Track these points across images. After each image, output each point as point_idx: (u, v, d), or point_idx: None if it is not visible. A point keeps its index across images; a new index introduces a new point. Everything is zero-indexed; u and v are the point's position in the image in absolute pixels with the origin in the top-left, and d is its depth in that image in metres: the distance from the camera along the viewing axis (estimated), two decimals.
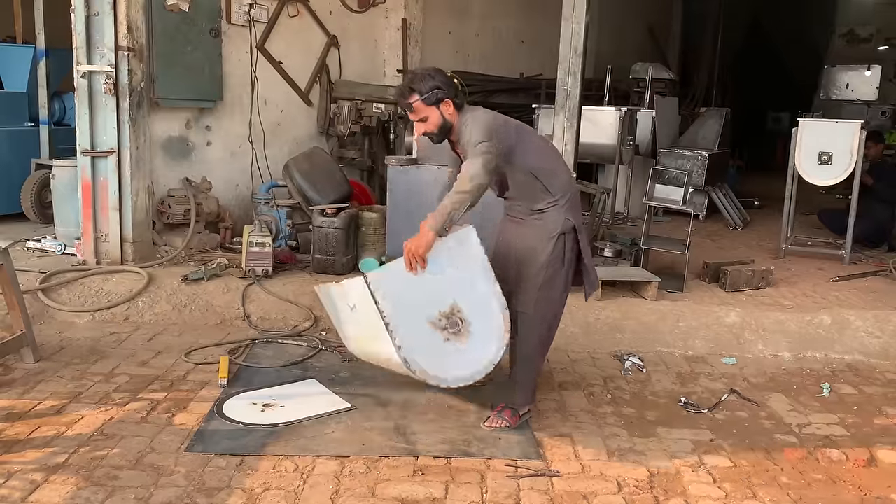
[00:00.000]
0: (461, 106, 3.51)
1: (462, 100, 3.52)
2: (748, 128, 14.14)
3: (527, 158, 3.51)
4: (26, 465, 3.09)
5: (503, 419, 3.62)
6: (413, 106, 3.46)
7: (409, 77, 3.54)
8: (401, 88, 3.53)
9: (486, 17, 9.83)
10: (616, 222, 7.93)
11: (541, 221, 3.54)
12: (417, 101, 3.44)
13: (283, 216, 6.21)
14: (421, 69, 3.55)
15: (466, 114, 3.49)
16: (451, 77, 3.51)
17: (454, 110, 3.48)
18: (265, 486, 3.02)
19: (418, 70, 3.53)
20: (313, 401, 3.84)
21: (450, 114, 3.47)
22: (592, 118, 7.50)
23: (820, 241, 7.19)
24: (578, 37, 5.08)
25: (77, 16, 5.24)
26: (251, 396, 3.87)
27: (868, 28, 13.70)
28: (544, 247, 3.52)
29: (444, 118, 3.47)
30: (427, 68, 3.58)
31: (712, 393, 4.21)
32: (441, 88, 3.42)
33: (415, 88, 3.43)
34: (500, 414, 3.65)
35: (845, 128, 6.50)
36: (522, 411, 3.67)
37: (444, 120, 3.47)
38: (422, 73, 3.49)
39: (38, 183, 6.81)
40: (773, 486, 3.21)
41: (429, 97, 3.42)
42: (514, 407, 3.65)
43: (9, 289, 4.13)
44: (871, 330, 4.94)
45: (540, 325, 3.60)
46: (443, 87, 3.43)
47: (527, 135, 3.63)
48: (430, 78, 3.44)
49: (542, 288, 3.53)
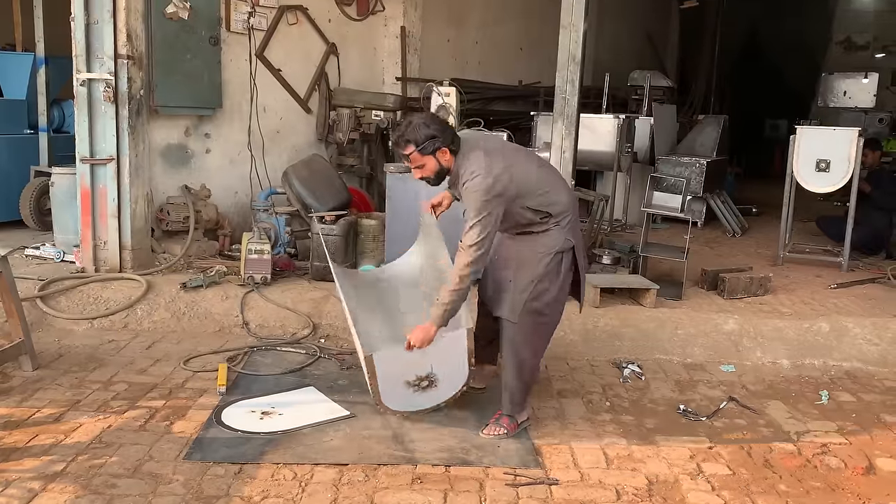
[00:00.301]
0: (457, 151, 3.51)
1: (458, 145, 3.52)
2: (746, 135, 14.17)
3: (527, 200, 3.52)
4: (24, 474, 3.08)
5: (501, 427, 3.62)
6: (410, 157, 3.49)
7: (405, 126, 3.53)
8: (396, 138, 3.55)
9: (484, 25, 9.86)
10: (614, 229, 7.94)
11: (542, 238, 3.58)
12: (414, 153, 3.46)
13: (281, 223, 6.21)
14: (417, 118, 3.54)
15: (462, 165, 3.48)
16: (444, 122, 3.56)
17: (450, 156, 3.50)
18: (264, 494, 3.01)
19: (414, 119, 3.53)
20: (312, 409, 3.84)
21: (446, 160, 3.50)
22: (591, 125, 7.52)
23: (818, 248, 7.20)
24: (577, 44, 5.10)
25: (77, 24, 5.26)
26: (250, 404, 3.86)
27: (865, 36, 13.77)
28: (540, 260, 3.55)
29: (440, 165, 3.51)
30: (423, 116, 3.59)
31: (711, 400, 4.21)
32: (436, 136, 3.45)
33: (410, 139, 3.45)
34: (497, 421, 3.65)
35: (843, 135, 6.52)
36: (521, 419, 3.68)
37: (441, 167, 3.51)
38: (417, 123, 3.49)
39: (37, 190, 6.82)
40: (771, 493, 3.21)
41: (425, 147, 3.45)
42: (512, 415, 3.66)
43: (7, 296, 4.13)
44: (869, 337, 4.95)
45: (527, 335, 3.61)
46: (438, 135, 3.45)
47: (528, 173, 3.57)
48: (425, 127, 3.45)
49: (529, 300, 3.55)
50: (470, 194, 3.41)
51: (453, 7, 9.33)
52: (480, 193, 3.38)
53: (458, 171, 3.50)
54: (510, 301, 3.58)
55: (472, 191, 3.40)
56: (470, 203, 3.41)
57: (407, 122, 3.55)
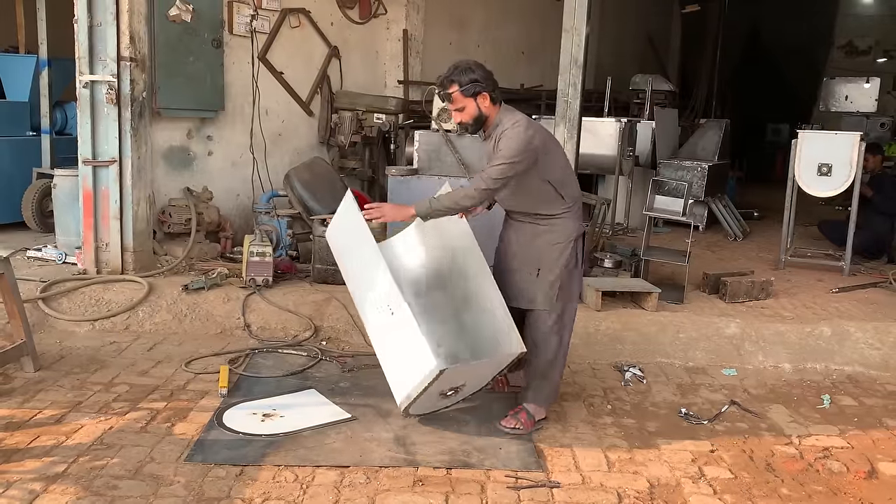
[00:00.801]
0: (498, 101, 3.64)
1: (499, 96, 3.66)
2: (748, 139, 14.18)
3: (548, 171, 3.64)
4: (26, 475, 3.08)
5: (518, 421, 3.68)
6: (452, 96, 3.59)
7: (450, 68, 3.65)
8: (441, 79, 3.64)
9: (486, 29, 9.88)
10: (616, 233, 7.94)
11: (557, 227, 3.69)
12: (456, 92, 3.57)
13: (283, 226, 6.22)
14: (463, 61, 3.66)
15: (506, 116, 3.62)
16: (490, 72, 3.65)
17: (490, 104, 3.61)
18: (265, 496, 3.01)
19: (460, 62, 3.65)
20: (313, 411, 3.84)
21: (486, 107, 3.61)
22: (592, 129, 7.53)
23: (820, 252, 7.19)
24: (579, 48, 5.11)
25: (80, 26, 5.27)
26: (251, 406, 3.86)
27: (867, 40, 13.78)
28: (563, 249, 3.69)
29: (479, 110, 3.61)
30: (468, 61, 3.68)
31: (712, 404, 4.21)
32: (479, 82, 3.57)
33: (455, 79, 3.57)
34: (516, 415, 3.71)
35: (844, 140, 6.52)
36: (539, 416, 3.73)
37: (480, 112, 3.61)
38: (463, 66, 3.62)
39: (39, 192, 6.83)
40: (773, 497, 3.20)
41: (467, 89, 3.55)
42: (530, 411, 3.71)
43: (9, 298, 4.13)
44: (871, 341, 4.95)
45: (559, 327, 3.75)
46: (481, 80, 3.58)
47: (553, 147, 3.77)
48: (470, 71, 3.59)
49: (562, 289, 3.71)
50: (509, 140, 3.52)
51: (455, 10, 9.35)
52: (520, 141, 3.50)
53: (496, 123, 3.62)
54: (543, 291, 3.69)
55: (511, 137, 3.52)
56: (506, 146, 3.51)
57: (454, 65, 3.65)
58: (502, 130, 3.58)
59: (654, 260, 5.94)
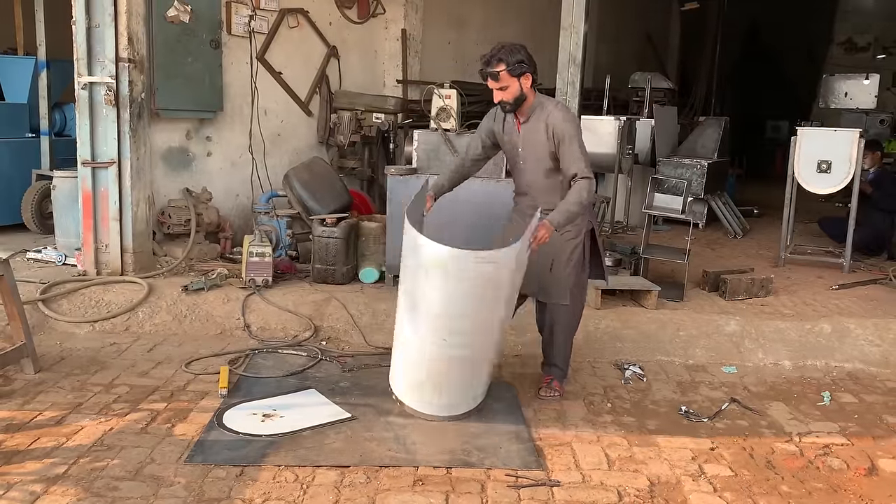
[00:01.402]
0: (536, 83, 3.81)
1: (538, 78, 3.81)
2: (747, 137, 14.16)
3: None
4: (26, 476, 3.09)
5: (553, 390, 4.09)
6: (499, 75, 3.67)
7: (497, 47, 3.72)
8: (488, 57, 3.70)
9: (485, 28, 9.86)
10: (615, 231, 7.94)
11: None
12: (503, 71, 3.67)
13: (283, 226, 6.22)
14: (509, 42, 3.76)
15: (546, 101, 3.85)
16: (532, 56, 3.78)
17: (530, 86, 3.77)
18: (265, 496, 3.01)
19: (507, 43, 3.74)
20: (313, 411, 3.84)
21: (528, 88, 3.76)
22: (591, 127, 7.51)
23: (820, 249, 7.19)
24: (577, 46, 5.11)
25: (78, 27, 5.27)
26: (251, 407, 3.86)
27: (866, 37, 13.76)
28: (577, 244, 3.93)
29: (522, 91, 3.75)
30: (514, 42, 3.78)
31: (713, 402, 4.21)
32: (525, 63, 3.70)
33: (503, 59, 3.68)
34: (549, 385, 4.10)
35: (844, 136, 6.52)
36: (564, 383, 4.18)
37: (522, 92, 3.76)
38: (510, 46, 3.72)
39: (38, 194, 6.83)
40: (773, 494, 3.20)
41: (514, 69, 3.68)
42: (560, 380, 4.14)
43: (9, 299, 4.13)
44: (871, 338, 4.95)
45: (574, 313, 4.10)
46: (526, 61, 3.72)
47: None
48: (517, 51, 3.69)
49: (575, 281, 3.99)
50: (565, 122, 3.75)
51: (454, 10, 9.34)
52: (574, 119, 3.81)
53: (536, 105, 3.81)
54: (557, 284, 3.95)
55: (565, 118, 3.77)
56: (567, 128, 3.73)
57: (499, 45, 3.74)
58: (548, 114, 3.76)
59: (654, 258, 5.94)
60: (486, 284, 3.46)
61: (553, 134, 3.75)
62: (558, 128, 3.74)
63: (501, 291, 3.56)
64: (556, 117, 3.76)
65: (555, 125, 3.74)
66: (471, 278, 3.41)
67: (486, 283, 3.46)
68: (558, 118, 3.75)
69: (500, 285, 3.53)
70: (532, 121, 3.83)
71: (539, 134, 3.81)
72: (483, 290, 3.48)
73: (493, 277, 3.47)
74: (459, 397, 3.77)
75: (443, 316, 3.49)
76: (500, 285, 3.53)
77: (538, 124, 3.80)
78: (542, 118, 3.79)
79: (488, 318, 3.59)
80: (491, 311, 3.58)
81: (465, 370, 3.68)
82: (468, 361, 3.64)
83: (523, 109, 3.83)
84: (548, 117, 3.77)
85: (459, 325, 3.50)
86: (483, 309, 3.54)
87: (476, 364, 3.70)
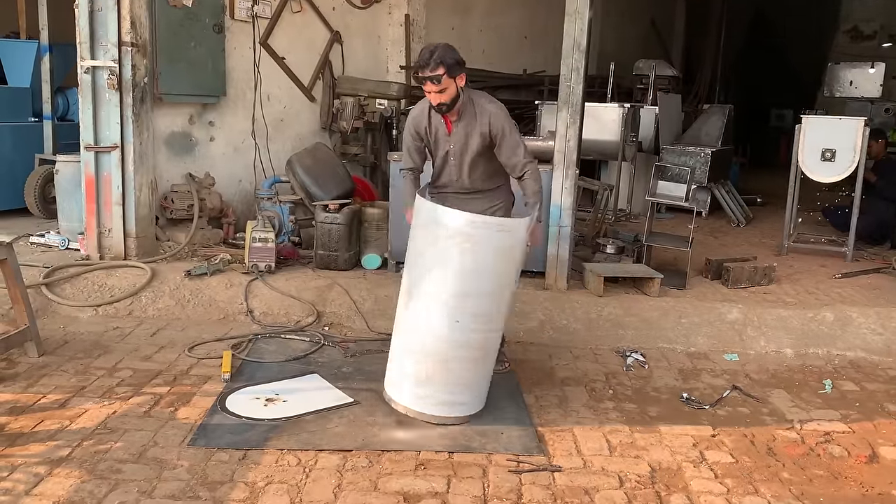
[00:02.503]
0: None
1: None
2: (751, 125, 14.11)
3: None
4: (30, 459, 3.10)
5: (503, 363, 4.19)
6: (442, 78, 3.63)
7: (432, 50, 3.66)
8: (425, 61, 3.64)
9: (489, 14, 9.82)
10: (619, 219, 7.94)
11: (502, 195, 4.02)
12: (445, 75, 3.63)
13: (285, 212, 6.21)
14: (441, 44, 3.72)
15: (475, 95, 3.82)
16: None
17: (464, 85, 3.75)
18: (268, 479, 3.03)
19: (439, 44, 3.71)
20: (316, 396, 3.85)
21: (462, 87, 3.74)
22: (595, 115, 7.50)
23: (823, 238, 7.18)
24: (582, 33, 5.07)
25: (81, 11, 5.25)
26: (254, 391, 3.88)
27: (872, 25, 13.67)
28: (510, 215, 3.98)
29: (458, 90, 3.71)
30: (445, 44, 3.74)
31: (714, 389, 4.22)
32: (461, 64, 3.69)
33: (443, 62, 3.63)
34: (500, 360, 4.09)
35: (848, 125, 6.50)
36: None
37: (458, 92, 3.72)
38: (445, 47, 3.68)
39: (41, 178, 6.83)
40: (774, 481, 3.21)
41: (452, 70, 3.64)
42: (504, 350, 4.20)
43: (13, 283, 4.14)
44: (873, 327, 4.95)
45: None
46: (461, 62, 3.70)
47: None
48: (452, 52, 3.68)
49: None
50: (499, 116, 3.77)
51: None
52: (504, 108, 3.80)
53: (467, 102, 3.78)
54: None
55: (499, 112, 3.78)
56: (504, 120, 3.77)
57: (433, 47, 3.68)
58: (482, 109, 3.75)
59: (657, 245, 5.93)
60: (503, 258, 3.46)
61: (491, 128, 3.75)
62: (496, 123, 3.74)
63: (513, 267, 3.55)
64: (491, 111, 3.76)
65: (492, 120, 3.74)
66: (492, 249, 3.41)
67: (504, 255, 3.45)
68: (494, 111, 3.76)
69: (514, 260, 3.53)
70: (465, 118, 3.78)
71: (474, 130, 3.78)
72: (501, 263, 3.47)
73: (509, 250, 3.47)
74: (470, 394, 3.63)
75: (459, 295, 3.44)
76: (514, 260, 3.53)
77: (471, 120, 3.77)
78: (474, 114, 3.76)
79: (500, 298, 3.55)
80: (503, 289, 3.55)
81: (476, 360, 3.58)
82: (480, 349, 3.55)
83: (455, 109, 3.77)
84: (482, 112, 3.75)
85: (474, 305, 3.46)
86: (497, 286, 3.51)
87: (488, 353, 3.62)
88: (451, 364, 3.52)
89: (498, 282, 3.50)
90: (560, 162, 5.17)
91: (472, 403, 3.64)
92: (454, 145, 3.86)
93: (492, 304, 3.52)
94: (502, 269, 3.49)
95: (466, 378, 3.57)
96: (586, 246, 6.33)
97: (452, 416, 3.56)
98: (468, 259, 3.40)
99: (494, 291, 3.51)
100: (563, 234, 5.20)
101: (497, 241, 3.44)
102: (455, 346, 3.49)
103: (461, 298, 3.44)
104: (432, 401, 3.55)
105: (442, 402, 3.55)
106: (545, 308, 5.02)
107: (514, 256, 3.52)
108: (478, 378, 3.63)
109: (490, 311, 3.52)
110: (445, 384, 3.54)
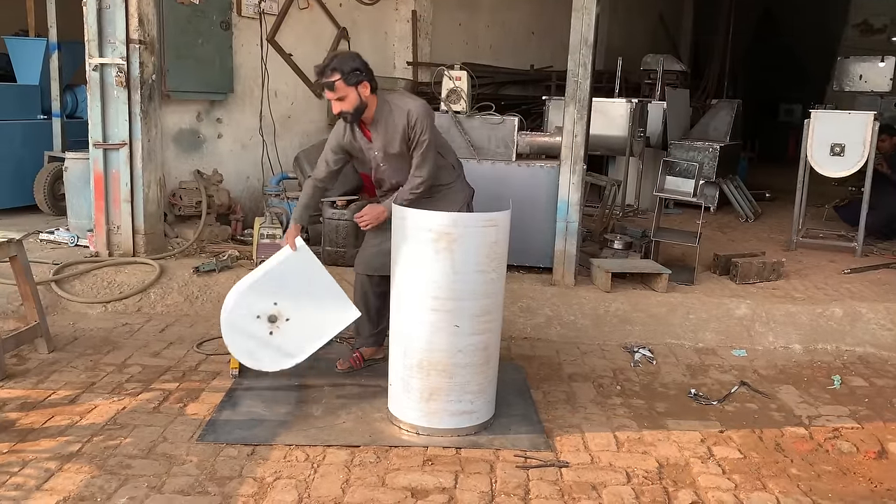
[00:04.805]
0: (376, 89, 3.72)
1: (376, 85, 3.73)
2: (760, 120, 14.04)
3: (438, 138, 3.91)
4: (41, 454, 3.13)
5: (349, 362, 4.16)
6: (335, 85, 3.60)
7: (330, 57, 3.68)
8: (322, 67, 3.64)
9: (496, 9, 9.81)
10: (626, 214, 7.92)
11: (452, 192, 3.95)
12: (339, 81, 3.59)
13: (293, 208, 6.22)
14: (345, 52, 3.75)
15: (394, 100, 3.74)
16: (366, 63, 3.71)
17: (370, 94, 3.68)
18: (276, 475, 3.04)
19: (343, 52, 3.75)
20: (318, 305, 3.78)
21: (366, 96, 3.67)
22: (603, 110, 7.47)
23: (832, 233, 7.15)
24: (589, 28, 5.06)
25: (89, 9, 5.27)
26: (254, 309, 3.71)
27: (882, 18, 13.56)
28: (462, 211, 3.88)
29: (360, 99, 3.66)
30: (349, 52, 3.76)
31: (722, 385, 4.21)
32: (360, 70, 3.63)
33: (336, 68, 3.61)
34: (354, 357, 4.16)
35: (858, 119, 6.45)
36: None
37: (361, 101, 3.66)
38: (343, 54, 3.69)
39: (50, 175, 6.86)
40: (782, 477, 3.21)
41: (349, 77, 3.59)
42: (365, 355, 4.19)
43: (23, 280, 4.17)
44: (882, 322, 4.92)
45: None
46: (362, 69, 3.65)
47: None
48: (351, 60, 3.64)
49: None
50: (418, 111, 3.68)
51: None
52: (428, 117, 3.71)
53: (381, 109, 3.72)
54: None
55: (420, 114, 3.68)
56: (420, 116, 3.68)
57: (335, 55, 3.71)
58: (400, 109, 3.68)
59: (665, 241, 5.92)
60: (493, 252, 3.37)
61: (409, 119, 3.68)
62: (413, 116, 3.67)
63: (503, 260, 3.47)
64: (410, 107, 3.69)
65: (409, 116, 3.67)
66: (482, 246, 3.32)
67: (493, 250, 3.37)
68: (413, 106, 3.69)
69: (502, 253, 3.44)
70: (381, 121, 3.73)
71: (395, 130, 3.71)
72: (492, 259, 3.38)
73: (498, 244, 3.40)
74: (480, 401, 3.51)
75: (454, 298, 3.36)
76: (502, 253, 3.44)
77: (389, 120, 3.72)
78: (391, 112, 3.71)
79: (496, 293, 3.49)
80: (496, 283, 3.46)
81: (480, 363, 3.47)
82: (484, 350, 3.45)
83: (367, 117, 3.73)
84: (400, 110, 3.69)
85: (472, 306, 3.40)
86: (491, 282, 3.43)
87: (491, 355, 3.53)
88: (456, 372, 3.40)
89: (491, 277, 3.44)
90: (567, 157, 5.16)
91: (483, 410, 3.54)
92: (378, 151, 3.81)
93: (489, 302, 3.44)
94: (494, 264, 3.42)
95: (474, 385, 3.46)
96: (594, 241, 6.33)
97: (464, 426, 3.46)
98: (458, 259, 3.31)
99: (489, 289, 3.44)
100: (570, 229, 5.20)
101: (484, 237, 3.34)
102: (458, 352, 3.38)
103: (457, 302, 3.35)
104: (442, 415, 3.44)
105: (452, 412, 3.44)
106: (553, 304, 5.02)
107: (502, 250, 3.45)
108: (485, 383, 3.52)
109: (489, 309, 3.45)
110: (452, 394, 3.42)
